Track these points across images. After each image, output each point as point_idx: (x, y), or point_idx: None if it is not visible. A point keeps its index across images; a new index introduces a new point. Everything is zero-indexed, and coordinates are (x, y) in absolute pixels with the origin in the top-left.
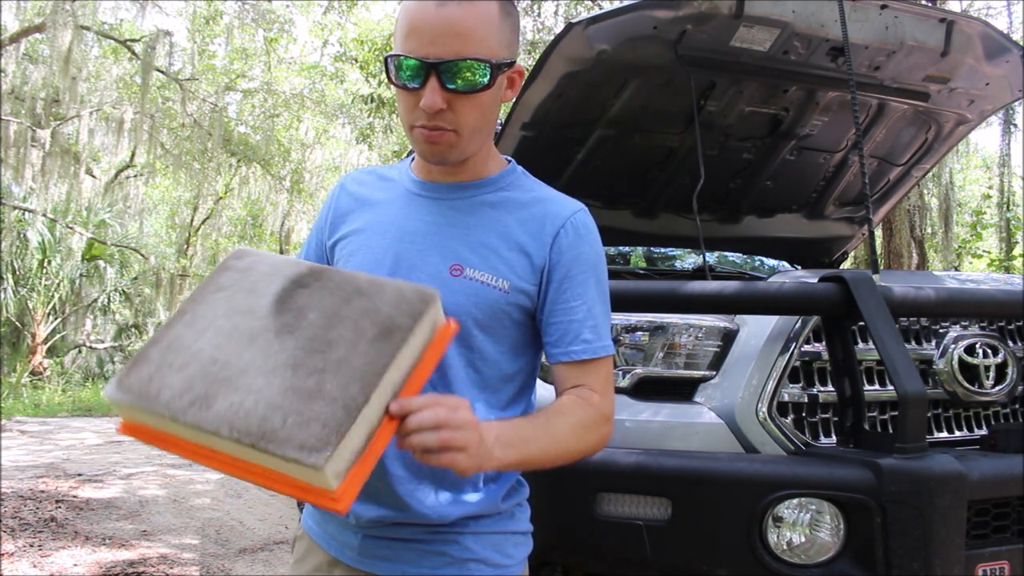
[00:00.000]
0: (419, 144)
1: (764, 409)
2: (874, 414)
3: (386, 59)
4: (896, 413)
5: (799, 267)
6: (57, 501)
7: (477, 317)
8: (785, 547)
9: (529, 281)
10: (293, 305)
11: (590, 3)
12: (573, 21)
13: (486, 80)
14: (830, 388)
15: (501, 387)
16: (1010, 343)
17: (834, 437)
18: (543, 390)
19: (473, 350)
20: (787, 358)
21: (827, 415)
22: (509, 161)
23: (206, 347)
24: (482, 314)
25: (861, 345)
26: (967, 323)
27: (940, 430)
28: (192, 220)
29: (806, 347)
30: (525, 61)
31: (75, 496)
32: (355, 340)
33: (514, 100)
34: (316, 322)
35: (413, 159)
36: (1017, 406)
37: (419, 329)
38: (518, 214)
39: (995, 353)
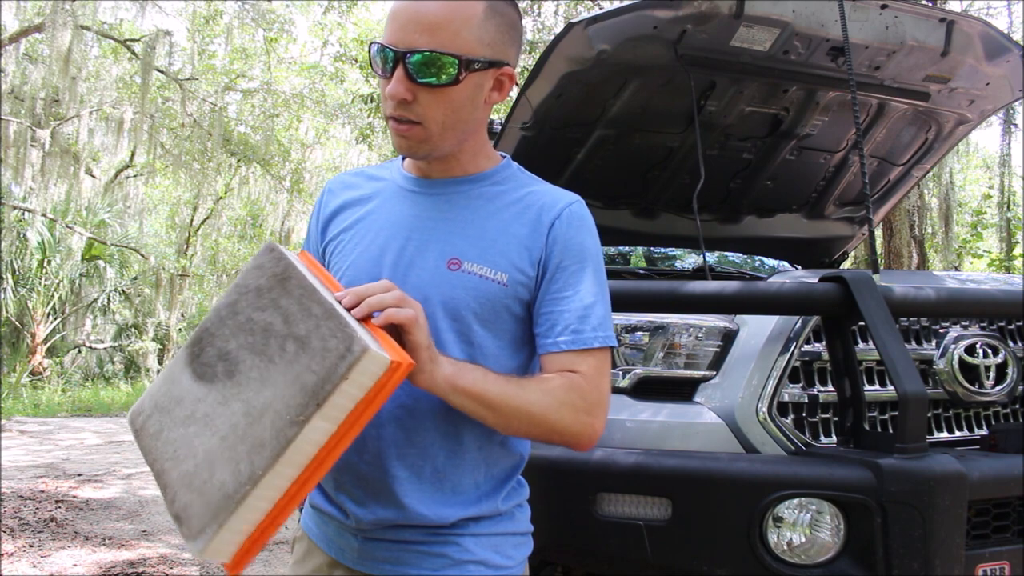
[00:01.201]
0: (392, 135)
1: (764, 409)
2: (874, 414)
3: (369, 46)
4: (896, 413)
5: (799, 267)
6: (57, 501)
7: (476, 311)
8: (785, 547)
9: (528, 273)
10: (211, 363)
11: (590, 3)
12: (573, 21)
13: (452, 76)
14: (830, 388)
15: None
16: (1010, 343)
17: (834, 437)
18: None
19: (473, 345)
20: (787, 358)
21: (827, 415)
22: (504, 157)
23: (206, 442)
24: (481, 308)
25: (861, 345)
26: (967, 323)
27: (940, 430)
28: (192, 220)
29: (806, 347)
30: (525, 61)
31: (75, 496)
32: (273, 309)
33: (514, 100)
34: (239, 343)
35: (405, 157)
36: (1017, 406)
37: (292, 260)
38: (514, 207)
39: (995, 353)
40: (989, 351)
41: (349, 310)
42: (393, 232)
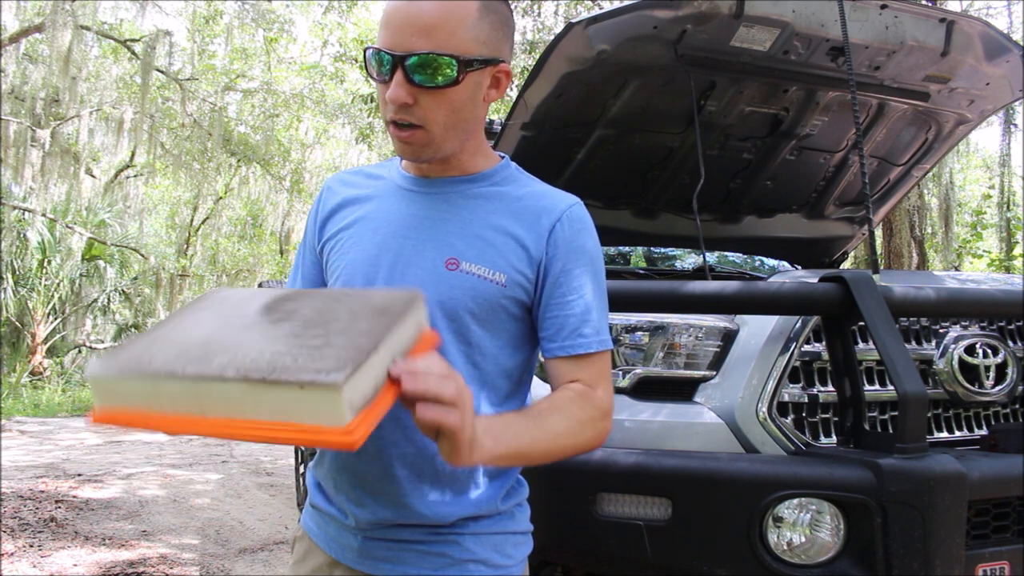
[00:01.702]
0: (394, 141)
1: (764, 409)
2: (874, 414)
3: (364, 52)
4: (896, 413)
5: (799, 267)
6: (57, 501)
7: (474, 311)
8: (785, 547)
9: (526, 275)
10: (283, 308)
11: (590, 3)
12: (573, 21)
13: (452, 77)
14: (830, 388)
15: (499, 382)
16: (1010, 343)
17: (834, 437)
18: (539, 389)
19: (471, 345)
20: (787, 358)
21: (827, 415)
22: (503, 157)
23: (198, 333)
24: (478, 308)
25: (861, 345)
26: (967, 323)
27: (940, 430)
28: (192, 220)
29: (806, 347)
30: (525, 61)
31: (75, 496)
32: (353, 318)
33: (514, 100)
34: (309, 312)
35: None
36: (1017, 406)
37: (411, 315)
38: (513, 207)
39: (995, 353)
40: (989, 351)
41: (395, 379)
42: (391, 231)
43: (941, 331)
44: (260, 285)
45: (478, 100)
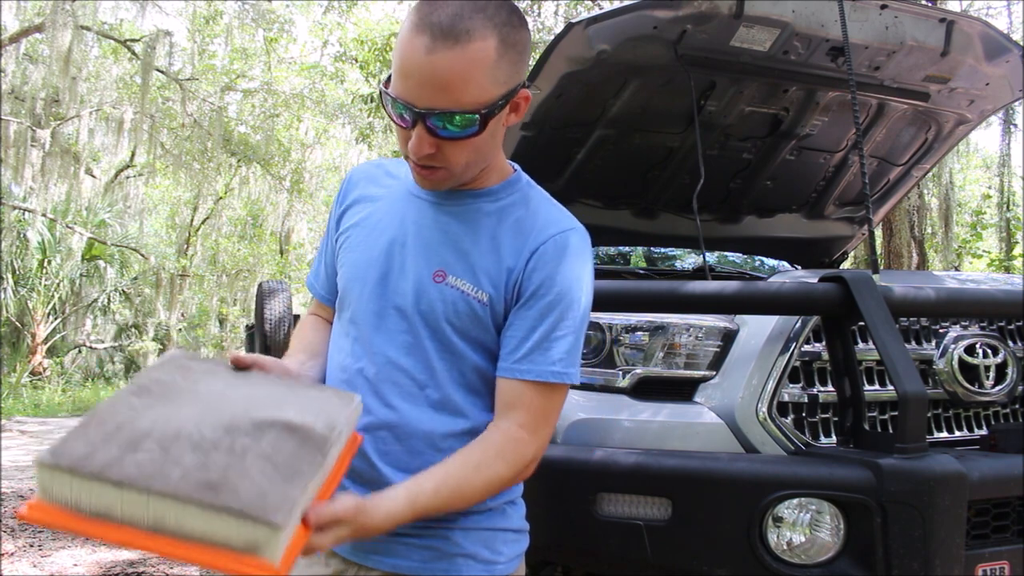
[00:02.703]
0: (414, 175)
1: (764, 409)
2: (874, 414)
3: (380, 92)
4: (896, 413)
5: (799, 267)
6: None
7: (454, 323)
8: (785, 547)
9: (503, 293)
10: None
11: (590, 3)
12: (573, 21)
13: (474, 129)
14: (830, 388)
15: (484, 391)
16: (1010, 343)
17: (834, 437)
18: None
19: (456, 355)
20: (787, 358)
21: (827, 415)
22: (515, 171)
23: (179, 413)
24: (459, 321)
25: (861, 345)
26: (967, 323)
27: (940, 430)
28: (192, 220)
29: (806, 347)
30: None
31: None
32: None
33: None
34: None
35: None
36: (1017, 406)
37: (340, 432)
38: (510, 227)
39: (995, 353)
40: (989, 351)
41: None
42: (393, 235)
43: (941, 331)
44: (260, 285)
45: (498, 132)
